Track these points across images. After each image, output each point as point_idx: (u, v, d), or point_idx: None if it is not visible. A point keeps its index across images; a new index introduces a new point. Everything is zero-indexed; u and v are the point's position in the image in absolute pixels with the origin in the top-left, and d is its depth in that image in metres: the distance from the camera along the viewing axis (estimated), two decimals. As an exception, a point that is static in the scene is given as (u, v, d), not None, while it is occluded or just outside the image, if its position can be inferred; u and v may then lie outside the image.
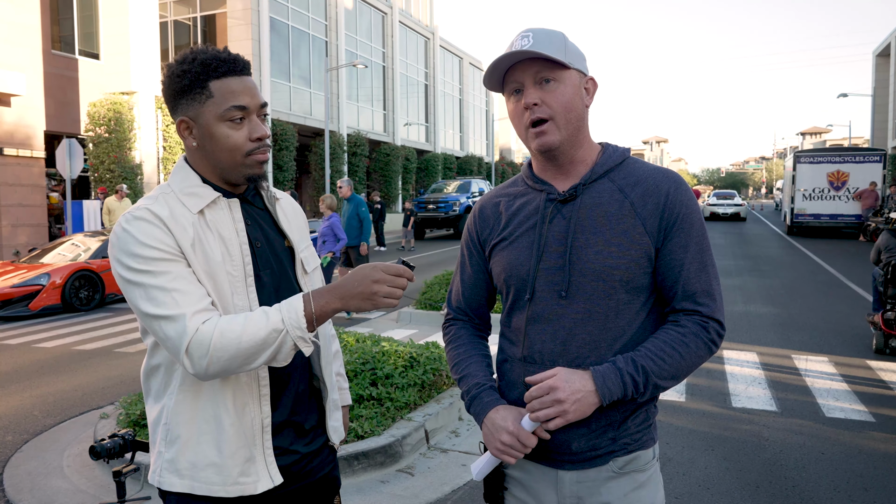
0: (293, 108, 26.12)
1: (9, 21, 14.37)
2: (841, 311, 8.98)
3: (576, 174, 1.47)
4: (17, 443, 4.64)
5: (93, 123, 17.11)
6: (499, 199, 1.58)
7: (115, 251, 1.37)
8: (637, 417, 1.44)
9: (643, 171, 1.46)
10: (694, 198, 1.44)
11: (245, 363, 1.33)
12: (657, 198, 1.41)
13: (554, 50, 1.38)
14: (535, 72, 1.39)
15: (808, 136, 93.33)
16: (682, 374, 1.39)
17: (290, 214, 1.64)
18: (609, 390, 1.33)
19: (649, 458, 1.46)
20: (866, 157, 21.26)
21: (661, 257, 1.41)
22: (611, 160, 1.47)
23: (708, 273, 1.42)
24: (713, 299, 1.41)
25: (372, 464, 3.86)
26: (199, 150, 1.46)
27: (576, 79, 1.42)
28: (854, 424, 4.67)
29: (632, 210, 1.40)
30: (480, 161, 42.95)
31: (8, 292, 9.46)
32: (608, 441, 1.42)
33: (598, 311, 1.40)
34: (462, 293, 1.64)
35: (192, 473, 1.42)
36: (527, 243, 1.47)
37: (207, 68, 1.40)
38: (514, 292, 1.49)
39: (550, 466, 1.46)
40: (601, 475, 1.43)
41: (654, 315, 1.45)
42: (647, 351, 1.36)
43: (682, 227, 1.41)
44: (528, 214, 1.49)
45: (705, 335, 1.39)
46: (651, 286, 1.43)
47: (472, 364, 1.55)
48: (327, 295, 1.36)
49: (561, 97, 1.39)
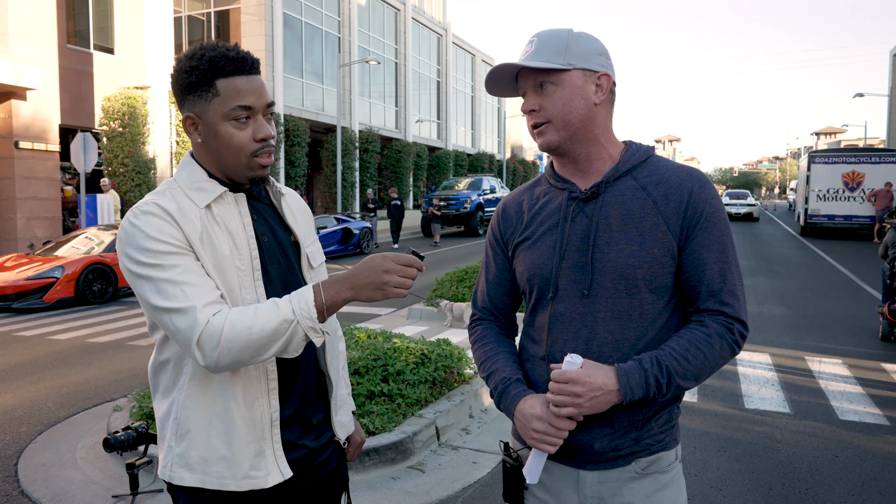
0: (305, 104, 26.19)
1: (25, 15, 14.48)
2: (855, 312, 8.90)
3: (597, 172, 1.46)
4: (31, 434, 4.68)
5: (107, 118, 17.22)
6: (522, 199, 1.58)
7: (124, 246, 1.37)
8: (660, 418, 1.43)
9: (667, 169, 1.45)
10: (718, 197, 1.43)
11: (256, 354, 1.33)
12: (680, 196, 1.40)
13: (550, 55, 1.39)
14: (534, 78, 1.42)
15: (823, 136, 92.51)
16: (704, 374, 1.38)
17: (296, 210, 1.63)
18: (631, 389, 1.33)
19: (672, 460, 1.45)
20: (882, 157, 21.03)
21: (684, 256, 1.40)
22: (634, 158, 1.46)
23: (732, 273, 1.40)
24: (737, 300, 1.39)
25: (383, 460, 3.86)
26: (204, 147, 1.46)
27: (578, 79, 1.41)
28: (868, 427, 4.63)
29: (654, 208, 1.40)
30: (492, 158, 42.90)
31: (22, 284, 9.55)
32: (631, 441, 1.41)
33: (620, 310, 1.39)
34: (487, 293, 1.64)
35: (202, 468, 1.43)
36: (549, 242, 1.46)
37: (215, 66, 1.39)
38: (537, 291, 1.49)
39: (572, 466, 1.45)
40: (623, 476, 1.42)
41: (677, 315, 1.44)
42: (671, 350, 1.35)
43: (706, 226, 1.39)
44: (550, 213, 1.49)
45: (729, 336, 1.38)
46: (674, 286, 1.42)
47: (498, 360, 1.54)
48: (338, 285, 1.36)
49: (558, 100, 1.40)
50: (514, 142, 55.11)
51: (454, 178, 27.50)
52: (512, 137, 54.66)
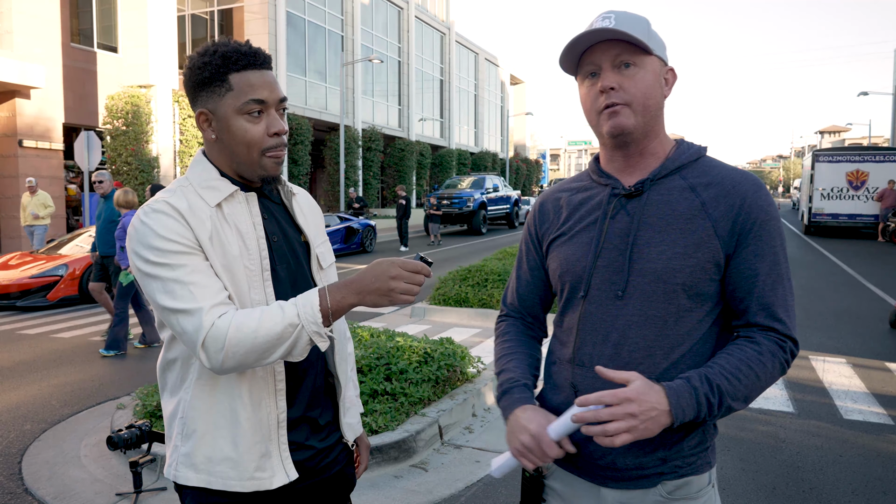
0: (309, 103, 26.20)
1: (29, 14, 14.50)
2: (859, 312, 8.87)
3: (644, 168, 1.38)
4: (35, 432, 4.70)
5: (111, 116, 17.26)
6: (560, 194, 1.50)
7: (134, 244, 1.37)
8: (692, 439, 1.32)
9: (720, 170, 1.35)
10: (774, 204, 1.33)
11: (261, 358, 1.32)
12: (732, 200, 1.30)
13: (638, 33, 1.29)
14: (615, 55, 1.30)
15: (827, 135, 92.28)
16: (754, 395, 1.26)
17: (307, 210, 1.63)
18: (682, 410, 1.21)
19: (703, 485, 1.34)
20: (886, 156, 20.96)
21: (732, 265, 1.30)
22: (685, 156, 1.37)
23: (784, 287, 1.31)
24: (789, 316, 1.30)
25: (386, 459, 3.87)
26: (217, 143, 1.46)
27: (657, 66, 1.33)
28: (872, 427, 4.61)
29: (702, 210, 1.30)
30: (495, 157, 42.86)
31: (27, 283, 9.57)
32: (657, 461, 1.31)
33: (655, 315, 1.30)
34: (517, 290, 1.58)
35: (208, 468, 1.42)
36: (586, 239, 1.38)
37: (228, 61, 1.40)
38: (568, 290, 1.41)
39: (593, 482, 1.37)
40: (647, 498, 1.32)
41: (717, 326, 1.33)
42: (720, 368, 1.24)
43: (759, 234, 1.29)
44: (590, 209, 1.41)
45: (781, 355, 1.28)
46: (717, 295, 1.32)
47: (512, 360, 1.48)
48: (344, 290, 1.35)
49: (641, 83, 1.30)
50: (517, 140, 55.06)
51: (457, 176, 27.49)
52: (515, 136, 54.61)
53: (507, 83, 49.38)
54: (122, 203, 6.98)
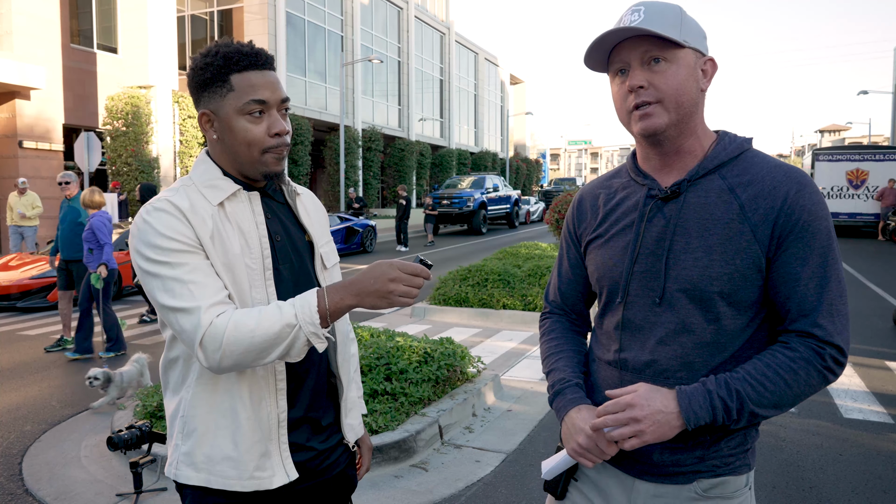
0: (308, 103, 26.20)
1: (29, 15, 14.51)
2: (859, 311, 8.87)
3: (682, 167, 1.33)
4: (35, 433, 4.70)
5: (110, 117, 17.27)
6: (599, 192, 1.47)
7: (136, 242, 1.38)
8: (732, 440, 1.29)
9: (761, 167, 1.28)
10: (821, 202, 1.25)
11: (258, 358, 1.32)
12: (772, 201, 1.23)
13: (667, 26, 1.24)
14: (644, 51, 1.25)
15: (827, 134, 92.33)
16: (786, 403, 1.22)
17: (311, 209, 1.63)
18: (695, 414, 1.20)
19: (740, 486, 1.32)
20: (886, 155, 20.97)
21: (774, 270, 1.24)
22: (724, 153, 1.30)
23: (830, 291, 1.23)
24: (833, 322, 1.22)
25: (386, 458, 3.87)
26: (219, 144, 1.46)
27: (691, 59, 1.27)
28: (873, 426, 4.61)
29: (741, 213, 1.24)
30: (495, 157, 42.87)
31: (27, 283, 9.57)
32: (695, 459, 1.29)
33: (693, 322, 1.26)
34: (559, 287, 1.57)
35: (208, 467, 1.43)
36: (622, 243, 1.36)
37: (229, 62, 1.40)
38: (606, 294, 1.40)
39: (628, 474, 1.36)
40: (681, 494, 1.31)
41: (762, 334, 1.29)
42: (745, 374, 1.21)
43: (802, 236, 1.23)
44: (626, 211, 1.37)
45: (819, 362, 1.21)
46: (761, 301, 1.27)
47: (561, 359, 1.47)
48: (342, 291, 1.35)
49: (672, 79, 1.25)
50: (517, 140, 55.07)
51: (457, 176, 27.49)
52: (515, 136, 54.62)
53: (507, 83, 49.39)
54: (89, 203, 6.66)
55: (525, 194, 44.95)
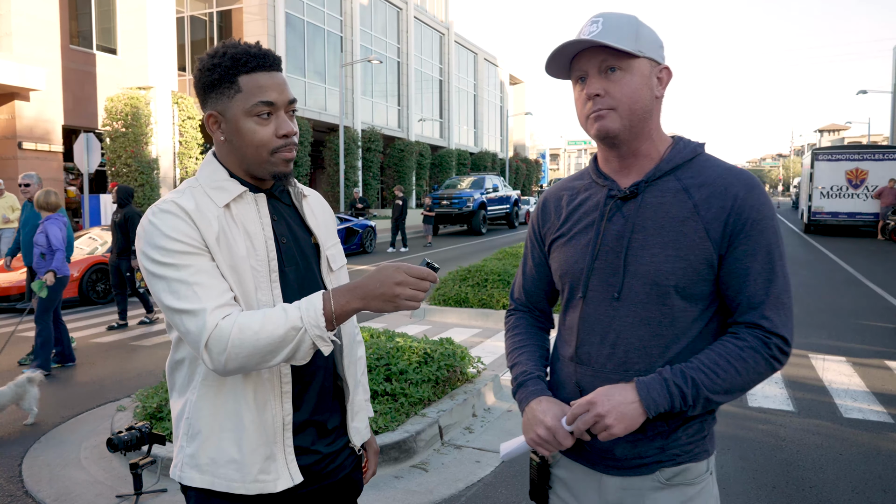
0: (308, 104, 26.20)
1: (28, 16, 14.51)
2: (859, 310, 8.87)
3: (640, 169, 1.41)
4: (35, 434, 4.70)
5: (110, 118, 17.26)
6: (563, 193, 1.54)
7: (142, 244, 1.38)
8: (690, 428, 1.37)
9: (713, 170, 1.37)
10: (768, 202, 1.34)
11: (263, 360, 1.32)
12: (724, 201, 1.32)
13: (622, 38, 1.31)
14: (601, 60, 1.33)
15: (827, 133, 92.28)
16: (737, 389, 1.31)
17: (318, 211, 1.62)
18: (654, 401, 1.28)
19: (701, 472, 1.40)
20: (886, 154, 20.97)
21: (725, 265, 1.33)
22: (679, 156, 1.39)
23: (777, 285, 1.33)
24: (779, 314, 1.32)
25: (386, 459, 3.87)
26: (226, 145, 1.46)
27: (646, 68, 1.35)
28: (872, 425, 4.61)
29: (695, 212, 1.33)
30: (494, 157, 42.87)
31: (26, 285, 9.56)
32: (655, 450, 1.37)
33: (650, 316, 1.34)
34: (523, 286, 1.64)
35: (212, 469, 1.42)
36: (584, 241, 1.43)
37: (237, 63, 1.40)
38: (568, 290, 1.47)
39: (595, 470, 1.43)
40: (647, 485, 1.38)
41: (714, 325, 1.38)
42: (699, 363, 1.30)
43: (752, 234, 1.31)
44: (587, 210, 1.45)
45: (766, 351, 1.30)
46: (712, 294, 1.36)
47: (524, 353, 1.54)
48: (348, 294, 1.34)
49: (626, 87, 1.33)
50: (516, 140, 55.07)
51: (457, 176, 27.48)
52: (515, 136, 54.61)
53: (507, 83, 49.38)
54: (44, 205, 6.21)
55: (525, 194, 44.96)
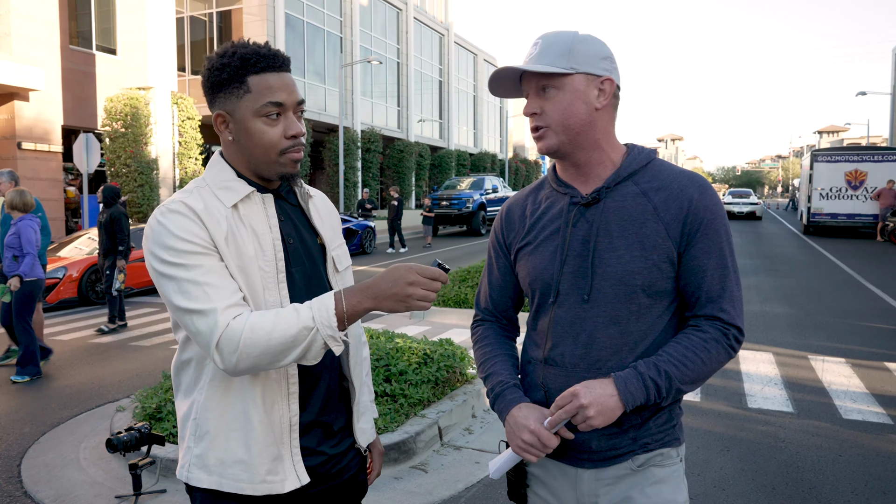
0: (308, 104, 26.18)
1: (27, 16, 14.50)
2: (858, 311, 8.88)
3: (597, 177, 1.47)
4: (34, 434, 4.69)
5: (109, 118, 17.24)
6: (525, 203, 1.59)
7: (150, 244, 1.37)
8: (659, 418, 1.45)
9: (668, 174, 1.45)
10: (719, 203, 1.44)
11: (275, 360, 1.31)
12: (680, 203, 1.41)
13: (554, 58, 1.38)
14: (537, 81, 1.42)
15: (826, 135, 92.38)
16: (702, 378, 1.40)
17: (324, 212, 1.62)
18: (632, 395, 1.34)
19: (672, 457, 1.47)
20: (885, 156, 20.99)
21: (683, 263, 1.42)
22: (635, 163, 1.47)
23: (730, 280, 1.42)
24: (734, 306, 1.42)
25: (386, 460, 3.86)
26: (234, 145, 1.46)
27: (580, 83, 1.41)
28: (872, 427, 4.61)
29: (654, 214, 1.41)
30: (494, 158, 42.87)
31: (26, 285, 9.54)
32: (628, 441, 1.43)
33: (619, 315, 1.41)
34: (490, 295, 1.67)
35: (219, 470, 1.42)
36: (551, 248, 1.48)
37: (246, 63, 1.39)
38: (538, 296, 1.51)
39: (570, 465, 1.48)
40: (619, 472, 1.45)
41: (675, 319, 1.46)
42: (668, 356, 1.37)
43: (706, 233, 1.41)
44: (552, 218, 1.50)
45: (725, 341, 1.40)
46: (673, 291, 1.44)
47: (497, 363, 1.57)
48: (359, 294, 1.34)
49: (559, 104, 1.41)
50: (516, 141, 55.08)
51: (456, 177, 27.47)
52: (514, 137, 54.63)
53: (506, 84, 49.29)
54: (18, 205, 6.01)
55: (524, 195, 44.84)
